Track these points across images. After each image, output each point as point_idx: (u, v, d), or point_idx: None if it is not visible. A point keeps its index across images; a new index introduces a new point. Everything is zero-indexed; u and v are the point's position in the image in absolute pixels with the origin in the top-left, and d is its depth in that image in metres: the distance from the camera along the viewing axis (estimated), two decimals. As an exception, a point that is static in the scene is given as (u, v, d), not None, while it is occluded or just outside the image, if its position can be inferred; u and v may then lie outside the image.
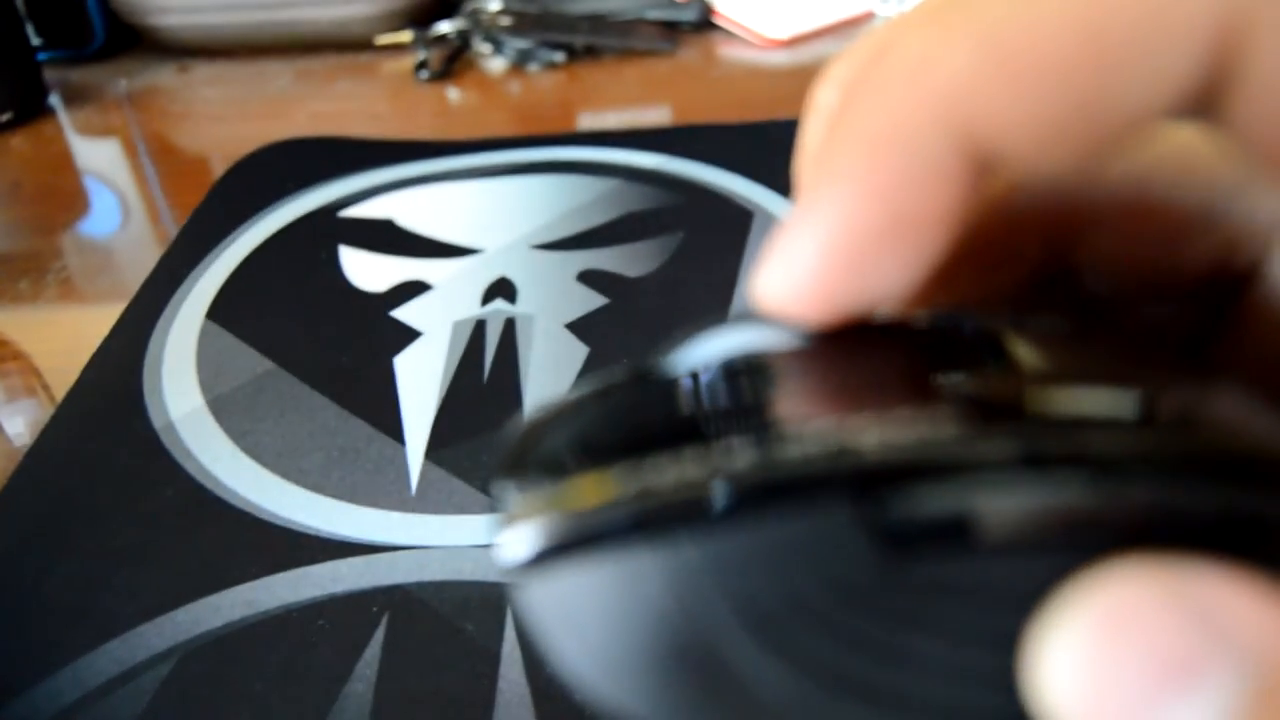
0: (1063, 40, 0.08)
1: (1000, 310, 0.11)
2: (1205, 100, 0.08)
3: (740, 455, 0.08)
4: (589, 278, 0.31)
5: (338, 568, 0.21)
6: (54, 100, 0.46)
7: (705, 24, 0.50)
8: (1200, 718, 0.06)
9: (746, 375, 0.09)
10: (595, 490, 0.08)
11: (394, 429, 0.25)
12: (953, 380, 0.09)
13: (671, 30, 0.50)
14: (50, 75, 0.46)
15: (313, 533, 0.22)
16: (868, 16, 0.51)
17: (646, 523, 0.07)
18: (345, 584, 0.21)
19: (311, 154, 0.39)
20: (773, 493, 0.07)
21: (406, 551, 0.22)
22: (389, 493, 0.23)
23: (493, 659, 0.19)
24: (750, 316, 0.10)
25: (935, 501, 0.07)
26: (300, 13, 0.48)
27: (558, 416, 0.09)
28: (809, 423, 0.08)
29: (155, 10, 0.47)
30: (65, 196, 0.39)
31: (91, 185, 0.40)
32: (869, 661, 0.08)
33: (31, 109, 0.44)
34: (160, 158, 0.42)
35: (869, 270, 0.09)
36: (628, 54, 0.48)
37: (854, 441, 0.07)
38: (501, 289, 0.31)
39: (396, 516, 0.23)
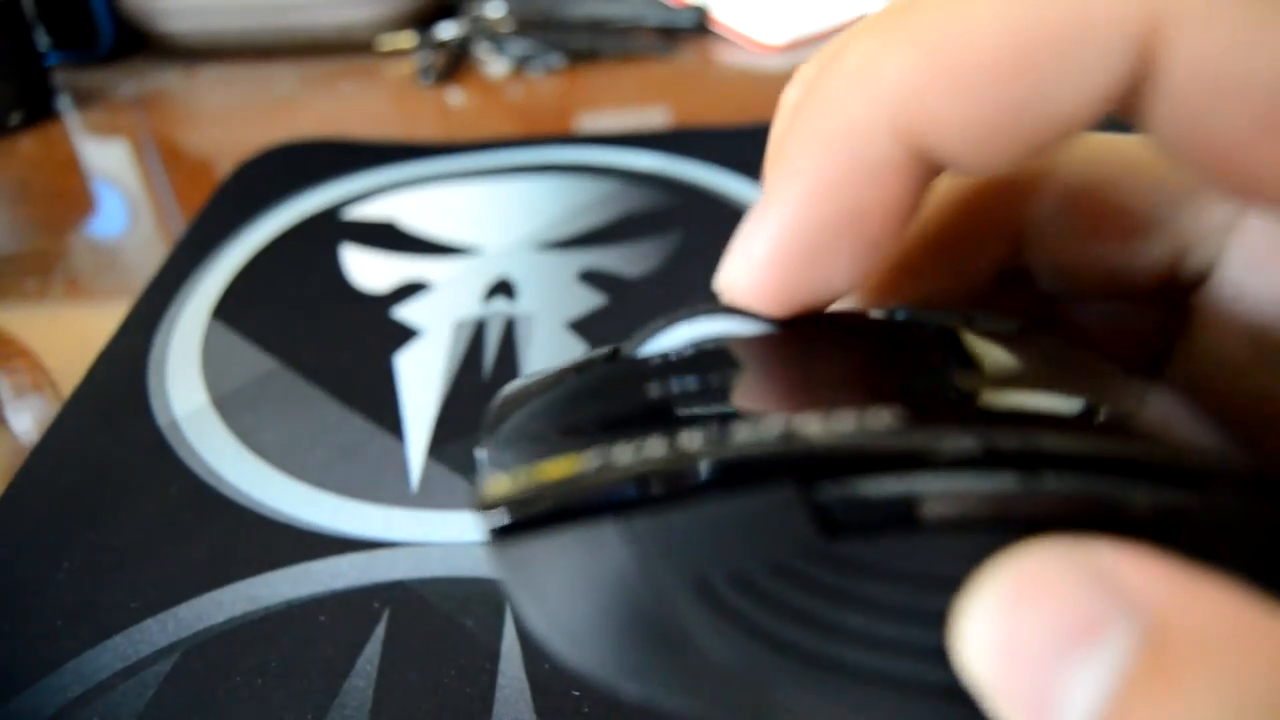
0: (995, 45, 0.08)
1: (959, 309, 0.11)
2: (1130, 102, 0.08)
3: (696, 437, 0.08)
4: (589, 278, 0.32)
5: (339, 564, 0.22)
6: (62, 102, 0.46)
7: (702, 29, 0.50)
8: (1101, 673, 0.07)
9: (710, 361, 0.10)
10: (563, 465, 0.08)
11: (395, 427, 0.25)
12: (901, 373, 0.09)
13: (669, 35, 0.50)
14: (58, 78, 0.47)
15: (315, 529, 0.23)
16: (867, 20, 0.51)
17: (605, 497, 0.08)
18: (347, 580, 0.21)
19: (315, 156, 0.40)
20: (722, 472, 0.08)
21: (407, 548, 0.22)
22: (390, 490, 0.24)
23: (493, 655, 0.19)
24: (721, 306, 0.11)
25: (871, 487, 0.08)
26: (304, 17, 0.48)
27: (534, 393, 0.10)
28: (763, 409, 0.09)
29: (162, 14, 0.48)
30: (72, 197, 0.40)
31: (99, 186, 0.40)
32: (815, 634, 0.08)
33: (40, 111, 0.45)
34: (167, 159, 0.42)
35: (821, 262, 0.10)
36: (627, 58, 0.48)
37: (801, 428, 0.08)
38: (502, 289, 0.31)
39: (398, 513, 0.23)
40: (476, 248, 0.34)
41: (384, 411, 0.26)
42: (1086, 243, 0.12)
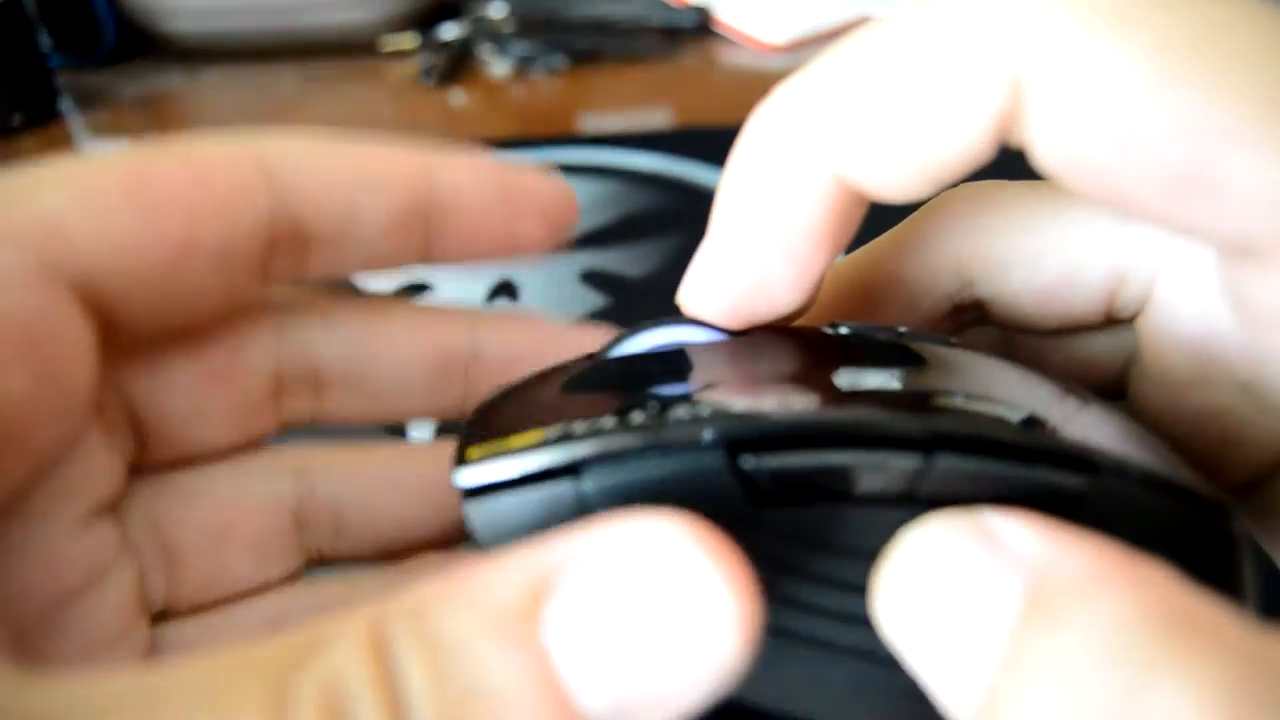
0: (892, 87, 0.10)
1: (896, 326, 0.12)
2: (1014, 132, 0.10)
3: (641, 414, 0.09)
4: (591, 278, 0.32)
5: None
6: (64, 104, 0.46)
7: (704, 29, 0.50)
8: (997, 622, 0.08)
9: (666, 361, 0.12)
10: (528, 437, 0.10)
11: (398, 425, 0.26)
12: (831, 372, 0.11)
13: (671, 35, 0.50)
14: (61, 80, 0.47)
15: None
16: (864, 22, 0.51)
17: (562, 460, 0.09)
18: (351, 577, 0.21)
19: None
20: (660, 441, 0.09)
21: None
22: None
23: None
24: (683, 318, 0.12)
25: (792, 460, 0.09)
26: (306, 18, 0.48)
27: (513, 390, 0.12)
28: (704, 395, 0.10)
29: (165, 16, 0.48)
30: (75, 199, 0.40)
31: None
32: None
33: (42, 112, 0.45)
34: (168, 161, 0.42)
35: (762, 280, 0.11)
36: (629, 58, 0.48)
37: (731, 407, 0.09)
38: (505, 289, 0.31)
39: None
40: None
41: (387, 411, 0.26)
42: (1029, 276, 0.13)
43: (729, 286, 0.12)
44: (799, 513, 0.09)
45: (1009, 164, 0.11)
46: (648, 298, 0.31)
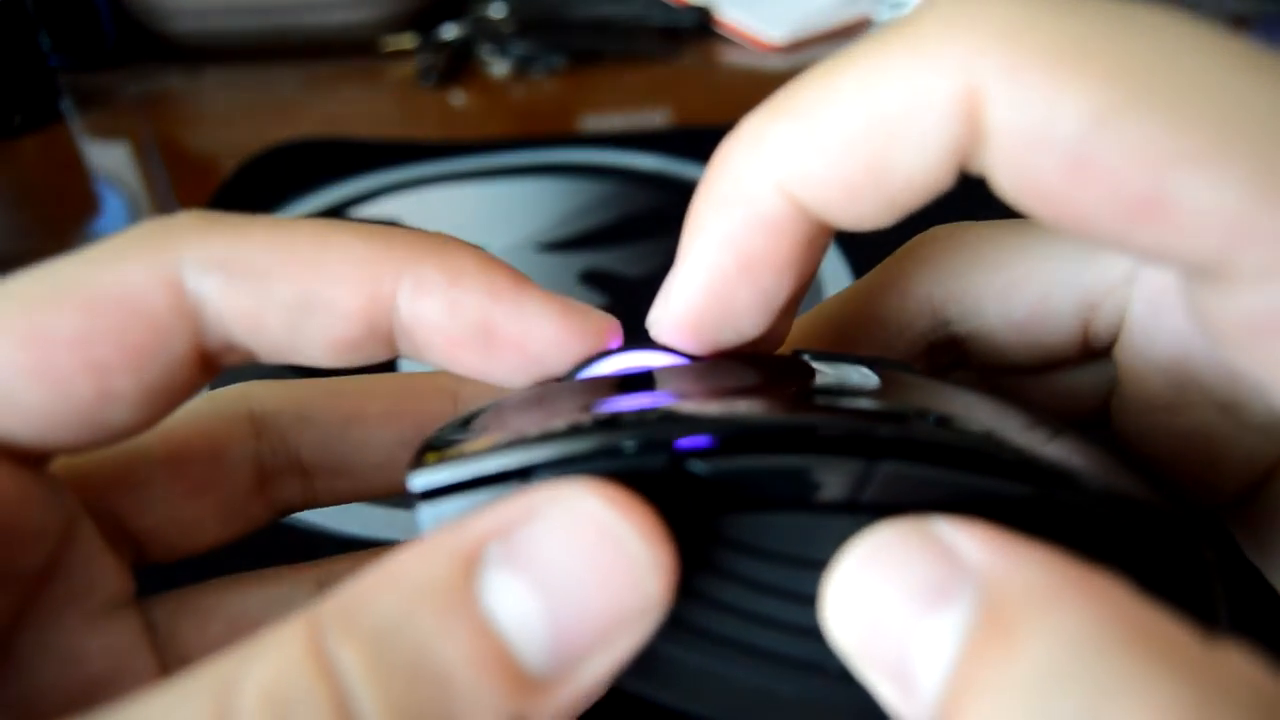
0: (850, 117, 0.10)
1: (859, 354, 0.13)
2: (973, 160, 0.10)
3: (590, 421, 0.10)
4: (590, 278, 0.32)
5: (341, 564, 0.22)
6: (65, 104, 0.46)
7: (704, 29, 0.50)
8: (949, 635, 0.08)
9: (628, 381, 0.12)
10: (481, 444, 0.10)
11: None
12: (787, 389, 0.11)
13: (671, 35, 0.50)
14: (62, 80, 0.47)
15: (318, 529, 0.23)
16: (864, 22, 0.51)
17: (511, 465, 0.09)
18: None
19: (317, 156, 0.40)
20: (606, 444, 0.09)
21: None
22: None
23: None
24: (650, 343, 0.12)
25: (738, 462, 0.09)
26: (307, 18, 0.48)
27: (479, 410, 0.12)
28: (658, 405, 0.10)
29: (165, 16, 0.48)
30: (76, 198, 0.40)
31: (102, 187, 0.40)
32: (695, 602, 0.09)
33: (43, 113, 0.45)
34: (169, 160, 0.43)
35: (726, 306, 0.11)
36: (629, 58, 0.48)
37: (678, 412, 0.10)
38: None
39: (399, 514, 0.23)
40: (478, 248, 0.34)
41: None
42: (1003, 310, 0.13)
43: (696, 315, 0.12)
44: (747, 520, 0.09)
45: (979, 188, 0.11)
46: (647, 298, 0.31)
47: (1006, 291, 0.13)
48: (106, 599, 0.12)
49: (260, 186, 0.38)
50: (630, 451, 0.09)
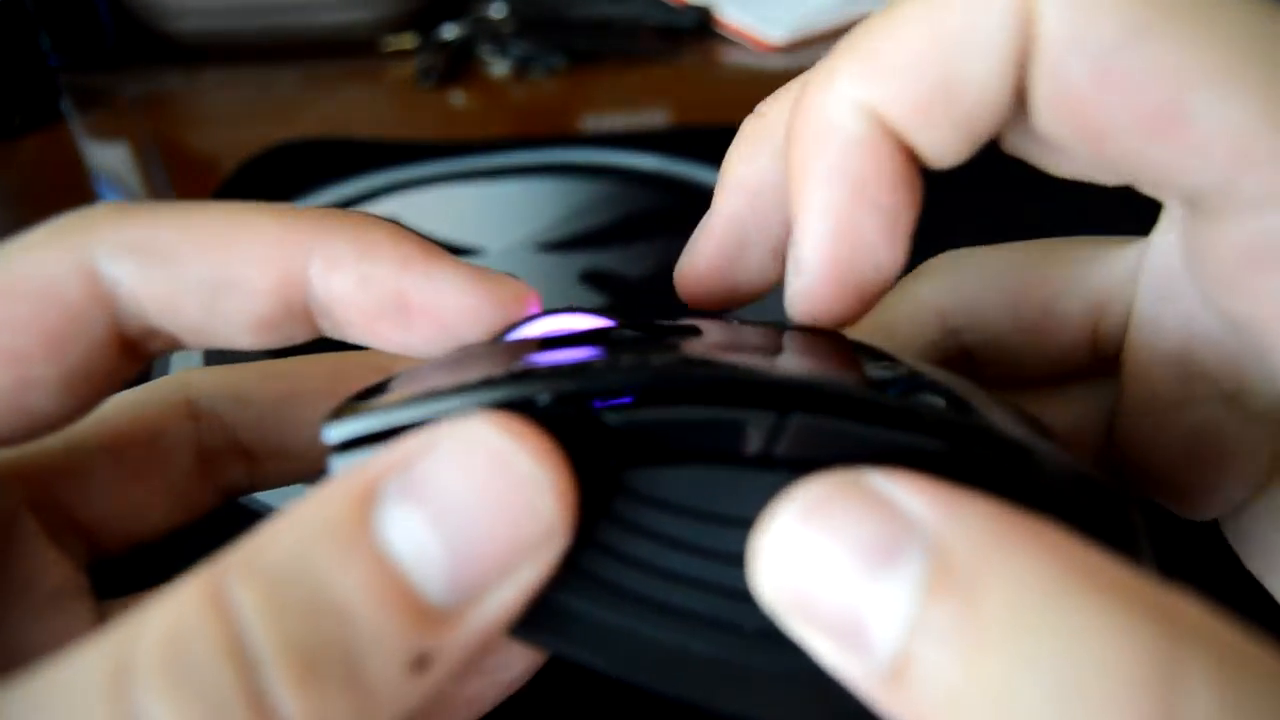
0: (917, 37, 0.10)
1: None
2: (1024, 83, 0.10)
3: (506, 372, 0.09)
4: (590, 278, 0.32)
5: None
6: (65, 104, 0.46)
7: (704, 29, 0.50)
8: (904, 591, 0.08)
9: (552, 342, 0.12)
10: (396, 397, 0.10)
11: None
12: (720, 344, 0.11)
13: (671, 35, 0.50)
14: (61, 80, 0.47)
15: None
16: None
17: (423, 415, 0.09)
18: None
19: (317, 156, 0.40)
20: (518, 393, 0.09)
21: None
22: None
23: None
24: (578, 308, 0.13)
25: (653, 413, 0.09)
26: (306, 18, 0.48)
27: (403, 372, 0.12)
28: (574, 360, 0.10)
29: (165, 16, 0.48)
30: (76, 198, 0.40)
31: (101, 187, 0.40)
32: (610, 561, 0.09)
33: (43, 113, 0.45)
34: (169, 160, 0.43)
35: (857, 237, 0.11)
36: (629, 58, 0.48)
37: (593, 365, 0.10)
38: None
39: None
40: (478, 248, 0.34)
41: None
42: (1013, 317, 0.13)
43: (833, 260, 0.11)
44: (659, 473, 0.09)
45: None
46: (647, 298, 0.31)
47: (1016, 298, 0.13)
48: (53, 591, 0.12)
49: (260, 186, 0.38)
50: (542, 403, 0.09)
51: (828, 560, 0.08)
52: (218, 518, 0.24)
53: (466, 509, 0.08)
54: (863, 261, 0.11)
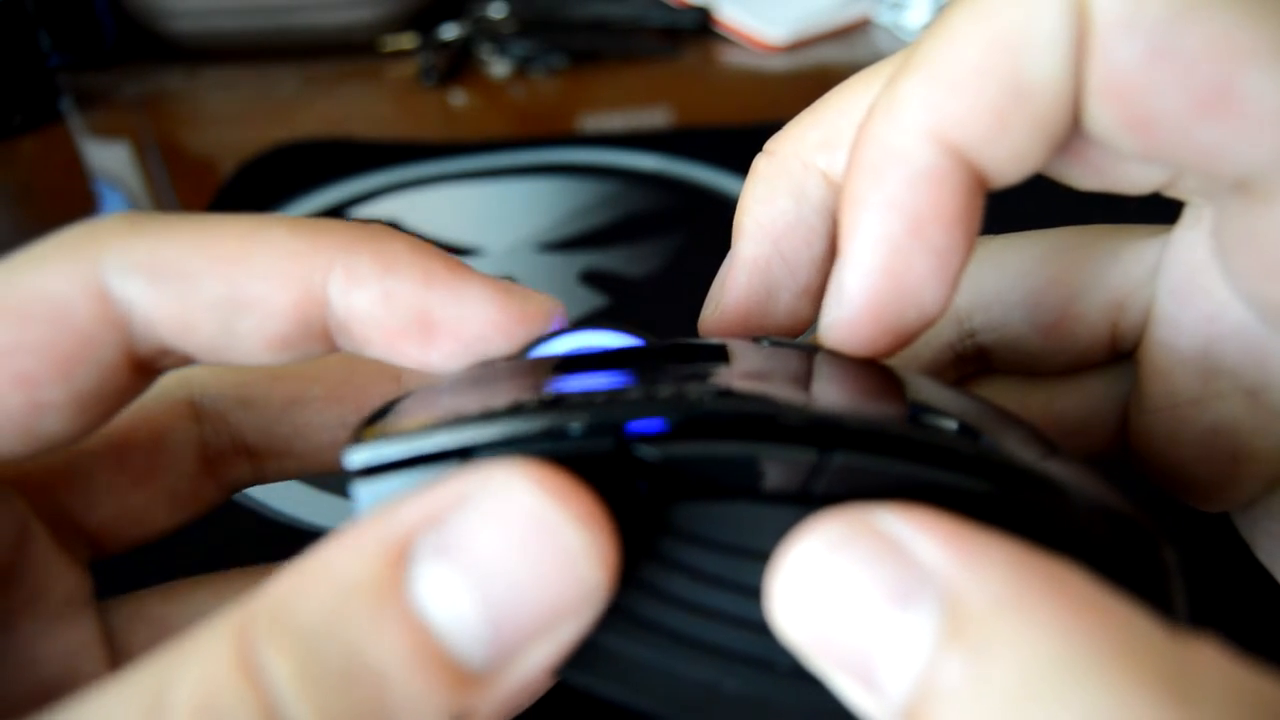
0: (975, 45, 0.10)
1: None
2: (1082, 74, 0.10)
3: (535, 401, 0.09)
4: (591, 278, 0.32)
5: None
6: (64, 104, 0.46)
7: (704, 30, 0.50)
8: (915, 637, 0.08)
9: (577, 362, 0.11)
10: (421, 421, 0.09)
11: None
12: (740, 372, 0.10)
13: (671, 35, 0.50)
14: (61, 79, 0.47)
15: (318, 528, 0.23)
16: (864, 22, 0.51)
17: (449, 444, 0.09)
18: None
19: (317, 156, 0.40)
20: (549, 424, 0.09)
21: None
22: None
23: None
24: (594, 326, 0.12)
25: (685, 449, 0.09)
26: (306, 18, 0.48)
27: (423, 389, 0.12)
28: (607, 386, 0.10)
29: (165, 15, 0.48)
30: (75, 198, 0.40)
31: (101, 187, 0.40)
32: (641, 593, 0.09)
33: (42, 112, 0.45)
34: (169, 160, 0.43)
35: (905, 276, 0.11)
36: (629, 58, 0.48)
37: (624, 397, 0.09)
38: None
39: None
40: (478, 248, 0.34)
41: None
42: (1032, 315, 0.13)
43: (876, 298, 0.11)
44: (696, 508, 0.09)
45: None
46: (647, 298, 0.31)
47: (1035, 298, 0.13)
48: (61, 600, 0.12)
49: (260, 186, 0.38)
50: (576, 434, 0.09)
51: (842, 601, 0.08)
52: (217, 518, 0.24)
53: (504, 572, 0.08)
54: (907, 301, 0.11)
